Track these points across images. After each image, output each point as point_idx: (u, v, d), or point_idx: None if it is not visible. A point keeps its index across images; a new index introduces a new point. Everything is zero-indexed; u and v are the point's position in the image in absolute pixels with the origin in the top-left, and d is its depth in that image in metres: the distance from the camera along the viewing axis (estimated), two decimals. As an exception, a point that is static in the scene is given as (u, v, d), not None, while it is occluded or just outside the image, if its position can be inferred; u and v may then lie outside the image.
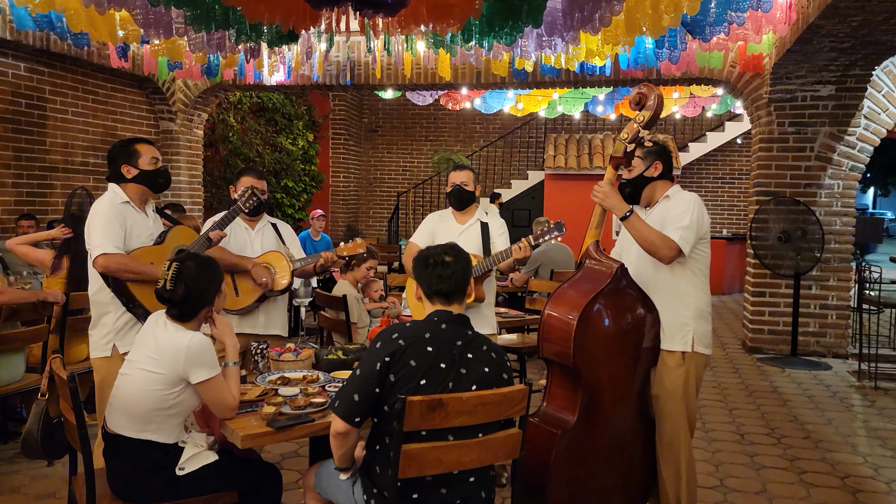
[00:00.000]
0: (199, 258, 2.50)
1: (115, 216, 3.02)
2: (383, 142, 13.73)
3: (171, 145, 8.39)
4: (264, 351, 3.03)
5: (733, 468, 4.09)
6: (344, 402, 2.12)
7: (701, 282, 2.99)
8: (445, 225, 3.77)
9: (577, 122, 12.57)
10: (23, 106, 6.60)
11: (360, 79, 7.66)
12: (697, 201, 2.95)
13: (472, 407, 2.10)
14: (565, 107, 9.44)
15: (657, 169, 3.03)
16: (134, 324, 3.05)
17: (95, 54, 6.79)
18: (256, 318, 3.59)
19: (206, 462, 2.45)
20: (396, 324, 2.22)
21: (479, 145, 13.16)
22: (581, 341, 2.75)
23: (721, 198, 12.90)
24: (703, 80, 7.34)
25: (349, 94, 12.64)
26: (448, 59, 6.90)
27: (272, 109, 10.45)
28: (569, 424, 2.78)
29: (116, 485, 2.39)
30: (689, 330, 2.93)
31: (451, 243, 2.34)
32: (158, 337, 2.39)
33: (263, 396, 2.65)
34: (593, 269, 2.96)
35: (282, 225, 3.82)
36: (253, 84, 7.91)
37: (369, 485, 2.20)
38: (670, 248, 2.83)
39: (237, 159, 9.55)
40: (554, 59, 6.24)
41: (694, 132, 12.54)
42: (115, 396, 2.43)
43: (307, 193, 11.13)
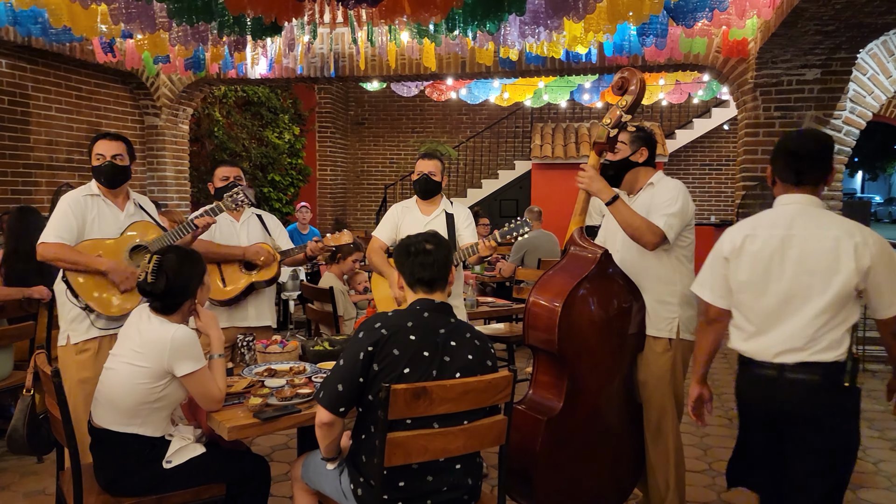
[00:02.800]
0: (180, 251, 2.50)
1: (73, 208, 3.10)
2: (370, 134, 13.68)
3: (157, 141, 8.32)
4: (251, 343, 3.03)
5: (722, 452, 4.13)
6: (328, 393, 2.12)
7: (686, 268, 3.00)
8: (410, 216, 3.75)
9: (564, 111, 12.56)
10: (5, 103, 6.54)
11: (345, 71, 7.62)
12: (683, 188, 2.96)
13: (456, 394, 2.11)
14: (551, 96, 9.43)
15: (642, 155, 3.03)
16: (84, 317, 3.10)
17: (78, 49, 6.72)
18: (246, 310, 3.59)
19: (193, 455, 2.46)
20: (379, 313, 2.22)
21: (465, 136, 13.13)
22: (566, 328, 2.76)
23: (708, 184, 12.94)
24: (688, 66, 7.35)
25: (335, 87, 12.58)
26: (433, 49, 6.88)
27: (258, 103, 10.38)
28: (554, 411, 2.80)
29: (104, 479, 2.39)
30: (674, 316, 2.94)
31: (431, 231, 2.34)
32: (143, 330, 2.39)
33: (250, 388, 2.65)
34: (577, 255, 2.97)
35: (267, 216, 3.82)
36: (237, 78, 7.85)
37: (356, 474, 2.20)
38: (655, 233, 2.82)
39: (223, 154, 9.50)
40: (537, 48, 6.23)
41: (681, 119, 12.56)
42: (101, 391, 2.42)
43: (294, 187, 11.08)
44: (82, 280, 3.04)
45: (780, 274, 2.26)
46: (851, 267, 2.19)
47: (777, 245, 2.28)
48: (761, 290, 2.29)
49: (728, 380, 5.67)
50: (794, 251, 2.25)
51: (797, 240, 2.26)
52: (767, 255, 2.29)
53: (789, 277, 2.25)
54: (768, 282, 2.28)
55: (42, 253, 3.05)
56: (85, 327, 3.09)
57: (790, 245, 2.27)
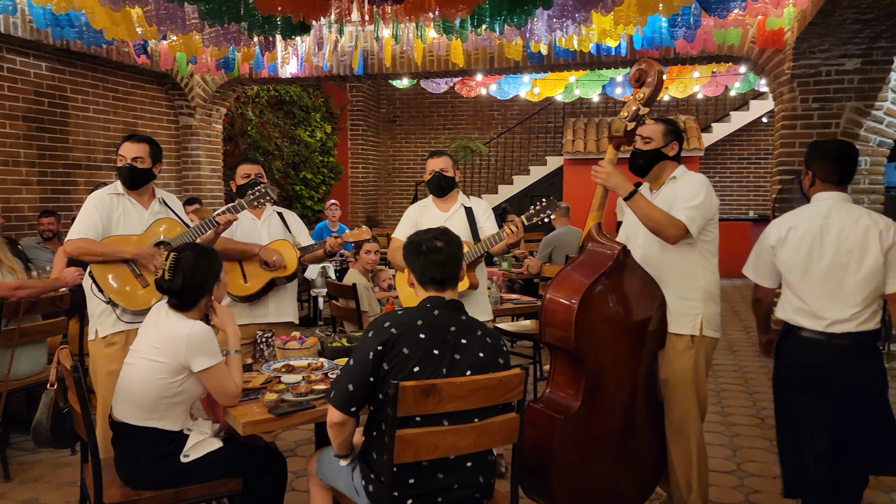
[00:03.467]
0: (197, 248, 2.53)
1: (98, 206, 3.18)
2: (401, 131, 13.72)
3: (191, 140, 8.47)
4: (269, 339, 3.06)
5: (752, 452, 4.04)
6: (339, 392, 2.12)
7: (710, 263, 2.94)
8: (428, 215, 3.71)
9: (596, 106, 12.43)
10: (45, 105, 6.72)
11: (373, 68, 7.65)
12: (706, 182, 2.90)
13: (466, 392, 2.09)
14: (582, 90, 9.32)
15: (673, 149, 2.98)
16: (111, 312, 3.16)
17: (115, 52, 6.87)
18: (267, 306, 3.63)
19: (211, 449, 2.49)
20: (388, 312, 2.21)
21: (496, 132, 13.08)
22: (583, 325, 2.71)
23: (746, 178, 12.67)
24: (722, 58, 7.19)
25: (366, 85, 12.64)
26: (460, 45, 6.86)
27: (290, 102, 10.50)
28: (572, 409, 2.75)
29: (124, 472, 2.43)
30: (697, 313, 2.88)
31: (441, 228, 2.32)
32: (160, 327, 2.43)
33: (267, 384, 2.67)
34: (595, 251, 2.91)
35: (287, 213, 3.85)
36: (268, 77, 7.95)
37: (367, 470, 2.21)
38: (677, 227, 2.77)
39: (256, 153, 9.62)
40: (566, 41, 6.16)
41: (717, 112, 12.32)
42: (121, 385, 2.47)
43: (326, 185, 11.18)
44: (106, 276, 3.11)
45: (819, 256, 2.71)
46: (878, 248, 2.65)
47: (817, 233, 2.72)
48: (805, 270, 2.74)
49: (762, 378, 5.54)
50: (832, 237, 2.70)
51: (834, 228, 2.71)
52: (809, 242, 2.73)
53: (829, 258, 2.70)
54: (811, 263, 2.73)
55: (67, 250, 3.13)
56: (112, 321, 3.16)
57: (828, 232, 2.71)
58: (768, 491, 3.53)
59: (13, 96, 6.33)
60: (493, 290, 4.61)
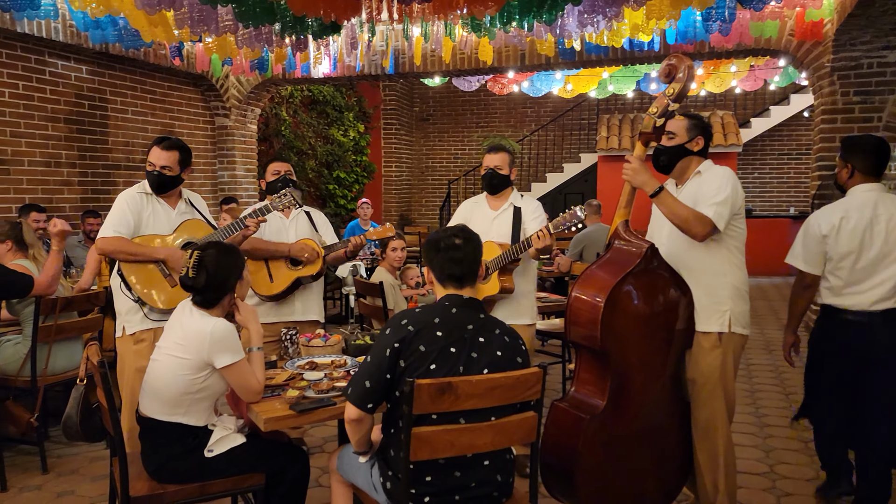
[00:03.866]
0: (220, 246, 2.57)
1: (129, 204, 3.23)
2: (434, 130, 13.74)
3: (226, 140, 8.61)
4: (294, 337, 3.09)
5: (785, 454, 3.95)
6: (356, 389, 2.13)
7: (737, 259, 2.88)
8: (479, 211, 3.69)
9: (631, 102, 12.27)
10: (85, 107, 6.90)
11: (404, 67, 7.67)
12: (732, 175, 2.83)
13: (483, 390, 2.08)
14: (616, 86, 9.22)
15: (698, 144, 2.92)
16: (138, 309, 3.21)
17: (152, 54, 7.02)
18: (293, 304, 3.67)
19: (234, 444, 2.52)
20: (406, 310, 2.21)
21: (530, 129, 13.00)
22: (609, 324, 2.68)
23: (787, 174, 12.38)
24: (759, 52, 7.03)
25: (399, 84, 12.69)
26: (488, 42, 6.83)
27: (323, 102, 10.59)
28: (598, 409, 2.72)
29: (150, 466, 2.49)
30: (725, 310, 2.82)
31: (460, 225, 2.32)
32: (185, 324, 2.47)
33: (290, 381, 2.70)
34: (622, 249, 2.87)
35: (315, 213, 3.89)
36: (301, 77, 8.04)
37: (385, 467, 2.22)
38: (704, 224, 2.71)
39: (290, 152, 9.73)
40: (596, 37, 6.09)
41: (756, 107, 12.06)
42: (147, 381, 2.53)
43: (359, 184, 11.26)
44: (135, 275, 3.17)
45: (870, 243, 3.01)
46: None
47: (867, 223, 3.02)
48: (858, 257, 3.02)
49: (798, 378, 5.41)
50: (881, 226, 3.01)
51: (882, 217, 3.01)
52: (861, 230, 3.01)
53: (879, 245, 3.00)
54: (863, 250, 3.01)
55: (101, 247, 3.18)
56: (139, 318, 3.22)
57: (877, 222, 3.01)
58: (801, 494, 3.45)
59: (55, 99, 6.51)
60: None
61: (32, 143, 6.28)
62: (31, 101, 6.25)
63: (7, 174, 6.03)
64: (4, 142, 6.00)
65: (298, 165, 9.91)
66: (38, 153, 6.34)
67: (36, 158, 6.32)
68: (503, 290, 3.42)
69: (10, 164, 6.05)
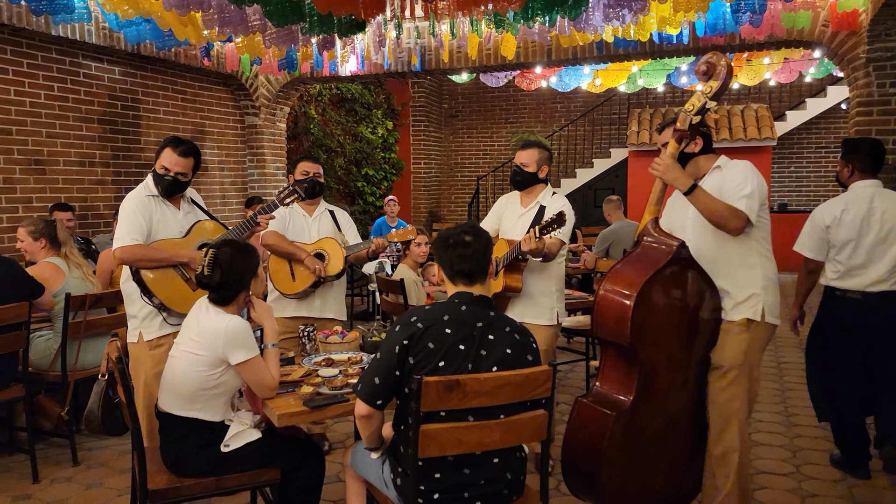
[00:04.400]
0: (235, 244, 2.60)
1: (140, 209, 3.12)
2: (463, 126, 13.71)
3: (256, 139, 8.71)
4: (311, 333, 3.12)
5: (812, 455, 3.86)
6: (366, 386, 2.15)
7: (766, 249, 2.86)
8: (511, 207, 3.68)
9: (662, 95, 12.10)
10: (118, 108, 7.04)
11: (430, 64, 7.68)
12: (753, 168, 2.81)
13: (491, 388, 2.08)
14: (646, 80, 9.09)
15: (697, 145, 2.88)
16: (157, 313, 3.15)
17: (182, 55, 7.14)
18: (312, 302, 3.70)
19: (250, 440, 2.56)
20: (416, 307, 2.22)
21: (560, 125, 12.91)
22: (638, 322, 2.64)
23: (825, 168, 12.08)
24: (792, 43, 6.86)
25: (427, 81, 12.69)
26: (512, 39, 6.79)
27: (351, 100, 10.66)
28: (624, 406, 2.68)
29: (168, 460, 2.54)
30: (758, 299, 2.80)
31: (471, 222, 2.33)
32: (200, 321, 2.52)
33: (305, 377, 2.73)
34: (651, 246, 2.83)
35: (338, 211, 3.92)
36: (329, 76, 8.08)
37: (395, 464, 2.23)
38: (739, 218, 2.69)
39: (319, 150, 9.82)
40: (622, 31, 6.02)
41: (791, 99, 11.78)
42: (165, 377, 2.58)
43: (388, 181, 11.30)
44: (155, 280, 3.10)
45: (867, 232, 3.45)
46: None
47: (865, 214, 3.46)
48: (857, 244, 3.46)
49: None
50: (877, 217, 3.45)
51: (878, 210, 3.46)
52: (859, 221, 3.46)
53: (875, 232, 3.44)
54: (861, 238, 3.46)
55: (122, 256, 3.06)
56: (158, 324, 3.17)
57: (873, 213, 3.46)
58: (827, 495, 3.37)
59: (89, 100, 6.66)
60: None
61: (67, 143, 6.43)
62: (65, 103, 6.40)
63: (43, 174, 6.19)
64: (40, 142, 6.16)
65: (327, 163, 9.99)
66: (73, 153, 6.50)
67: (71, 158, 6.47)
68: (508, 288, 3.39)
69: (46, 164, 6.21)
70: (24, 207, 5.99)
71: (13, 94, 5.89)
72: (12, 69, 5.87)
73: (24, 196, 6.01)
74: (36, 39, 5.99)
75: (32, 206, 6.04)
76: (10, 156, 5.87)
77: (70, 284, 3.98)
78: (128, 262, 3.08)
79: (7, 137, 5.84)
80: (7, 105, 5.84)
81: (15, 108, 5.91)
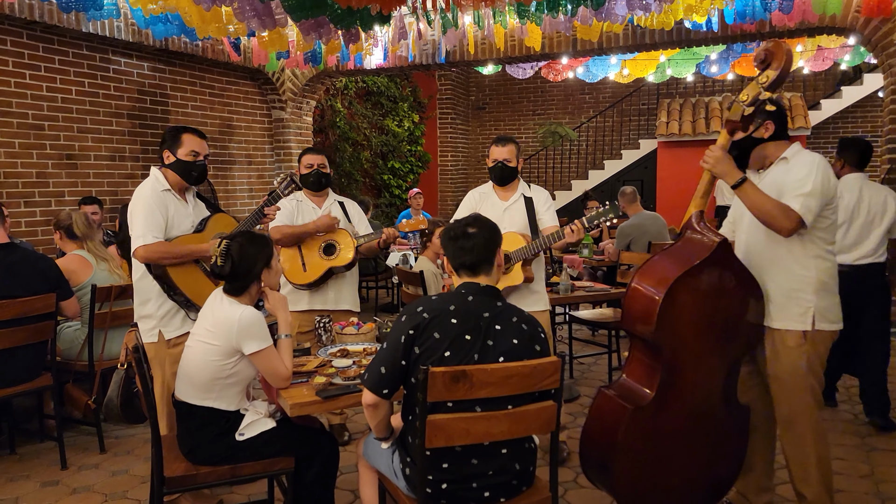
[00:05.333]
0: (247, 235, 2.63)
1: (157, 204, 3.06)
2: (490, 118, 13.66)
3: (283, 133, 8.79)
4: (327, 325, 3.15)
5: (839, 450, 3.79)
6: (372, 375, 2.16)
7: (823, 252, 2.70)
8: (488, 202, 3.66)
9: (692, 85, 11.90)
10: (147, 103, 7.17)
11: (455, 56, 7.65)
12: (822, 163, 2.64)
13: (498, 378, 2.07)
14: (675, 69, 8.94)
15: (768, 130, 2.74)
16: (178, 310, 3.13)
17: (210, 50, 7.23)
18: (326, 293, 3.73)
19: (265, 429, 2.60)
20: (423, 297, 2.23)
21: (587, 116, 12.78)
22: (665, 318, 2.56)
23: (861, 158, 11.77)
24: (823, 30, 6.69)
25: (454, 73, 12.66)
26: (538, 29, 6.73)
27: (377, 93, 10.68)
28: (644, 400, 2.63)
29: (184, 447, 2.59)
30: (809, 306, 2.67)
31: (474, 214, 2.31)
32: (215, 311, 2.56)
33: (320, 368, 2.76)
34: (692, 240, 2.72)
35: (349, 203, 3.94)
36: (354, 69, 8.11)
37: (404, 454, 2.24)
38: (790, 219, 2.55)
39: (345, 144, 9.87)
40: (646, 20, 5.93)
41: (826, 88, 11.50)
42: (181, 367, 2.62)
43: (414, 174, 11.32)
44: (179, 277, 3.08)
45: (858, 215, 4.12)
46: (893, 208, 4.12)
47: (856, 201, 4.12)
48: (849, 226, 4.13)
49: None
50: (865, 203, 4.12)
51: (865, 197, 4.13)
52: (851, 207, 4.12)
53: (864, 216, 4.11)
54: (853, 220, 4.12)
55: (144, 255, 3.00)
56: (179, 320, 3.14)
57: (862, 200, 4.12)
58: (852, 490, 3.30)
59: (119, 95, 6.79)
60: (564, 277, 4.53)
61: (98, 138, 6.56)
62: (96, 98, 6.53)
63: (75, 168, 6.33)
64: (72, 137, 6.30)
65: (354, 156, 10.04)
66: (104, 148, 6.63)
67: (101, 153, 6.61)
68: (526, 279, 3.42)
69: (77, 158, 6.35)
70: (57, 201, 6.14)
71: (45, 91, 6.03)
72: (44, 66, 6.01)
73: (57, 190, 6.16)
74: (67, 36, 6.12)
75: (64, 200, 6.19)
76: (42, 150, 6.02)
77: (97, 276, 4.07)
78: (151, 260, 3.03)
79: (40, 133, 5.99)
80: (39, 101, 5.98)
81: (47, 103, 6.05)
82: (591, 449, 2.74)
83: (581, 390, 4.96)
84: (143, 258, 3.04)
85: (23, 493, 3.48)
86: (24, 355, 3.62)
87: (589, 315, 5.30)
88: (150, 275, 3.09)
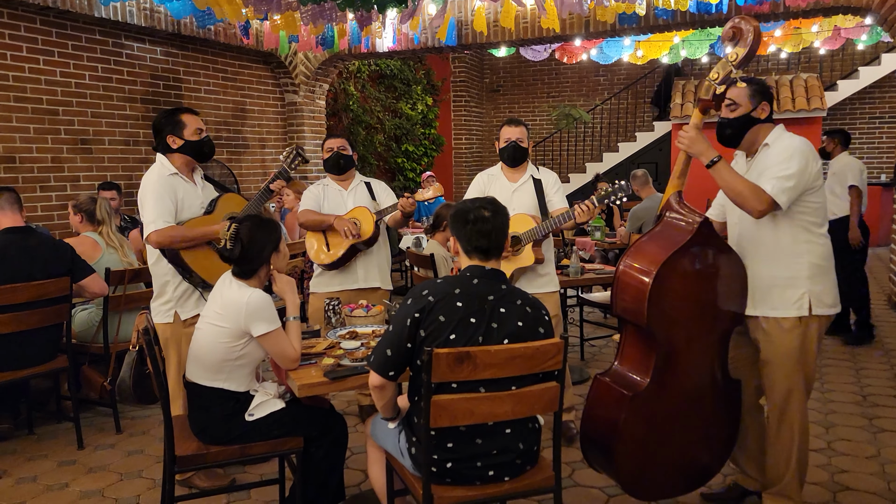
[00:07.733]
0: (256, 219, 2.66)
1: (165, 189, 3.08)
2: (504, 101, 13.60)
3: (296, 116, 8.81)
4: (336, 307, 3.18)
5: (845, 430, 3.79)
6: (378, 357, 2.19)
7: (816, 237, 2.69)
8: (497, 184, 3.67)
9: (707, 66, 11.75)
10: (160, 87, 7.21)
11: (467, 38, 7.61)
12: (803, 147, 2.61)
13: (501, 360, 2.10)
14: (689, 51, 8.84)
15: (764, 111, 2.72)
16: (193, 291, 3.18)
17: (223, 34, 7.25)
18: (355, 272, 3.77)
19: (274, 409, 2.64)
20: (428, 280, 2.25)
21: (602, 98, 12.68)
22: (656, 302, 2.58)
23: (879, 139, 11.62)
24: (838, 10, 6.58)
25: (468, 56, 12.59)
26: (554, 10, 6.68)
27: (390, 76, 10.66)
28: (641, 386, 2.64)
29: (195, 427, 2.64)
30: (803, 292, 2.66)
31: (489, 197, 2.32)
32: (224, 294, 2.59)
33: (329, 349, 2.79)
34: (673, 222, 2.74)
35: (375, 182, 3.95)
36: (366, 52, 8.09)
37: (410, 434, 2.28)
38: (761, 200, 2.53)
39: (359, 127, 9.87)
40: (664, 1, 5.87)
41: (843, 68, 11.33)
42: (191, 348, 2.67)
43: (428, 157, 11.31)
44: (193, 259, 3.11)
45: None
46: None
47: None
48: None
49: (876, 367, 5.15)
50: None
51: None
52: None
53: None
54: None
55: (157, 240, 3.03)
56: (194, 301, 3.19)
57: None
58: (857, 471, 3.31)
59: (132, 80, 6.83)
60: (574, 260, 4.53)
61: (112, 122, 6.62)
62: (109, 83, 6.58)
63: (90, 153, 6.40)
64: (86, 122, 6.36)
65: (367, 140, 10.04)
66: (118, 132, 6.69)
67: (115, 138, 6.67)
68: (537, 260, 3.43)
69: (91, 143, 6.42)
70: (72, 186, 6.21)
71: (59, 76, 6.08)
72: (58, 51, 6.06)
73: (72, 175, 6.23)
74: (80, 21, 6.16)
75: (80, 185, 6.26)
76: (57, 135, 6.09)
77: (105, 259, 4.13)
78: (163, 244, 3.06)
79: (54, 118, 6.05)
80: (54, 86, 6.04)
81: (61, 88, 6.11)
82: (592, 435, 2.75)
83: (592, 372, 4.98)
84: (155, 243, 3.08)
85: (41, 472, 3.57)
86: (39, 338, 3.69)
87: (600, 297, 5.30)
88: (164, 258, 3.14)
